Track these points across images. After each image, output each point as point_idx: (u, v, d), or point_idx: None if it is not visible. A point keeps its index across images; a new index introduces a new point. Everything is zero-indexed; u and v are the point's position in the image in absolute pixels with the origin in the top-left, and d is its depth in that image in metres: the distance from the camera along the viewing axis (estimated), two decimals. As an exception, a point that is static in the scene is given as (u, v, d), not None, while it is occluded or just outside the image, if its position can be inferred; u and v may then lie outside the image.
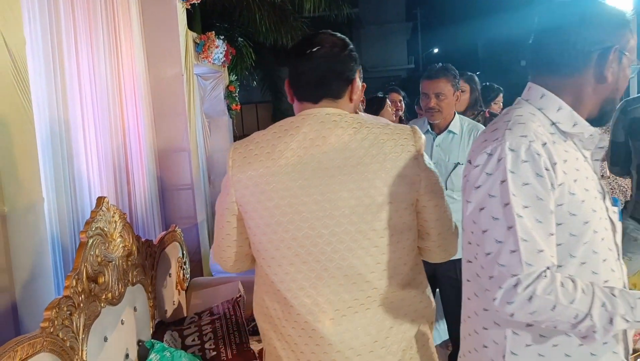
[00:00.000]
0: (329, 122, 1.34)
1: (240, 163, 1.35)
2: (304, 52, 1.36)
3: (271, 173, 1.31)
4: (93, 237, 1.78)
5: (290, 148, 1.32)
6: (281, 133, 1.35)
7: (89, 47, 3.23)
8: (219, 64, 5.49)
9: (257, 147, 1.35)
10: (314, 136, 1.32)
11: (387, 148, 1.32)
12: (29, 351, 1.35)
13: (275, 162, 1.31)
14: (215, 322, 2.29)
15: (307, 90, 1.38)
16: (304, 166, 1.30)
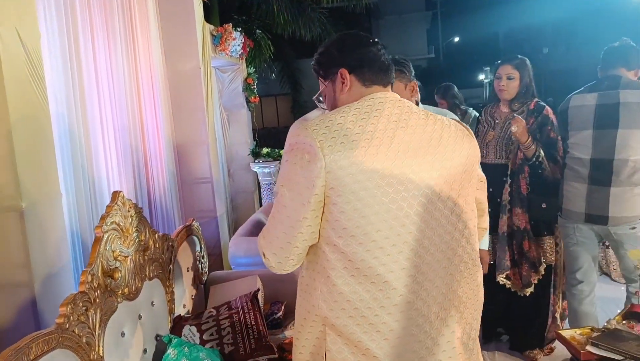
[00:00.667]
0: (404, 106, 1.41)
1: (331, 144, 1.29)
2: (368, 40, 1.47)
3: (368, 153, 1.29)
4: (108, 232, 1.77)
5: (379, 130, 1.33)
6: (363, 115, 1.36)
7: (105, 42, 3.23)
8: (236, 56, 5.47)
9: (342, 128, 1.32)
10: (396, 118, 1.37)
11: (452, 132, 1.43)
12: (44, 347, 1.34)
13: (369, 142, 1.31)
14: (234, 316, 2.28)
15: (380, 74, 1.46)
16: (396, 146, 1.33)
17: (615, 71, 2.85)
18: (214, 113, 4.77)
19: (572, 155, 2.95)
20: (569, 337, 2.34)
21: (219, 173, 4.88)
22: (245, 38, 5.58)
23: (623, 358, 2.05)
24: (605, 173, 2.80)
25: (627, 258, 2.87)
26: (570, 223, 2.99)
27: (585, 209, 2.88)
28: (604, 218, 2.83)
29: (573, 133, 2.94)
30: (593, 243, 3.02)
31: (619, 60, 2.86)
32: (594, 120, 2.83)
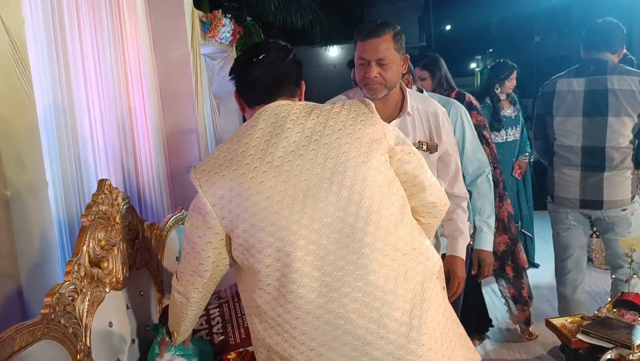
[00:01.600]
0: (282, 110, 1.40)
1: (208, 178, 1.36)
2: (252, 60, 1.44)
3: (240, 174, 1.33)
4: (94, 221, 1.74)
5: (252, 146, 1.35)
6: (238, 137, 1.39)
7: (92, 27, 3.17)
8: (226, 43, 5.42)
9: (218, 159, 1.38)
10: (271, 128, 1.37)
11: (342, 118, 1.39)
12: (29, 338, 1.32)
13: (240, 163, 1.34)
14: (223, 306, 2.26)
15: (261, 95, 1.44)
16: (270, 157, 1.34)
17: (600, 55, 2.83)
18: (203, 101, 4.72)
19: (561, 143, 2.94)
20: (560, 325, 2.34)
21: (209, 161, 4.83)
22: (235, 25, 5.52)
23: (613, 346, 2.06)
24: (598, 160, 2.82)
25: (615, 243, 2.89)
26: (563, 209, 2.99)
27: (580, 195, 2.89)
28: (599, 202, 2.86)
29: (561, 120, 2.92)
30: (585, 228, 3.04)
31: (602, 44, 2.83)
32: (583, 107, 2.83)
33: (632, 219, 2.87)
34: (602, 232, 3.00)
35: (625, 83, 2.73)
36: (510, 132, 4.35)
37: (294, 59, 1.47)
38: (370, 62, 1.94)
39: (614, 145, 2.78)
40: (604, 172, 2.81)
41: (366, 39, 1.96)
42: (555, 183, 3.02)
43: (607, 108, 2.76)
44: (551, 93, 2.97)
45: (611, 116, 2.76)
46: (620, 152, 2.78)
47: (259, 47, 1.47)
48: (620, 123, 2.75)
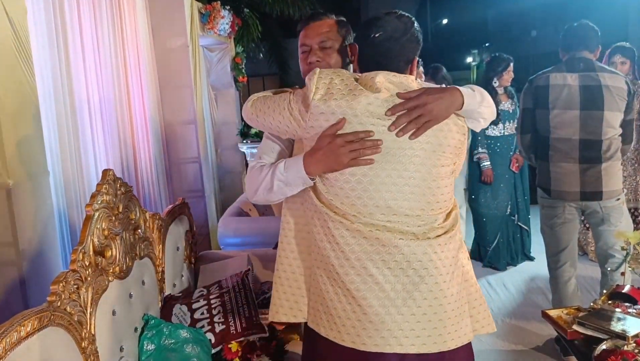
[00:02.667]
0: (400, 74, 1.48)
1: (323, 92, 1.43)
2: (367, 37, 1.50)
3: (350, 106, 1.41)
4: (99, 210, 1.75)
5: (385, 87, 1.43)
6: (364, 78, 1.45)
7: (92, 18, 3.17)
8: (225, 35, 5.41)
9: (340, 82, 1.44)
10: (384, 79, 1.44)
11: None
12: (36, 325, 1.33)
13: (355, 97, 1.41)
14: (224, 295, 2.27)
15: (368, 69, 1.49)
16: (377, 101, 1.41)
17: (580, 53, 2.93)
18: (202, 92, 4.73)
19: (558, 136, 2.98)
20: (556, 317, 2.37)
21: (207, 153, 4.85)
22: (234, 17, 5.51)
23: (609, 337, 2.09)
24: (595, 152, 2.90)
25: (608, 234, 2.95)
26: (560, 203, 3.03)
27: (581, 187, 2.95)
28: (599, 193, 2.93)
29: (558, 112, 2.96)
30: (577, 221, 3.10)
31: (580, 43, 2.95)
32: (580, 101, 2.89)
33: (623, 208, 2.99)
34: (596, 225, 3.03)
35: (615, 80, 2.87)
36: (508, 125, 4.38)
37: (410, 37, 1.51)
38: (312, 47, 1.72)
39: (609, 137, 2.89)
40: (602, 164, 2.90)
41: (307, 24, 1.77)
42: (552, 178, 3.04)
43: (603, 102, 2.86)
44: (545, 87, 3.00)
45: (606, 110, 2.86)
46: (613, 143, 2.90)
47: (378, 23, 1.51)
48: (614, 117, 2.87)
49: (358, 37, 1.57)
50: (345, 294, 1.44)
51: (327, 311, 1.49)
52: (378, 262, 1.42)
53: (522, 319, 3.61)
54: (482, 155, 4.37)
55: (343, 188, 1.44)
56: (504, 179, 4.46)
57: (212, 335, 2.12)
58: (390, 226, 1.42)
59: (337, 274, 1.45)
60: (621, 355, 1.96)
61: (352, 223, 1.43)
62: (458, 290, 1.51)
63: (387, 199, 1.42)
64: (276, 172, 1.51)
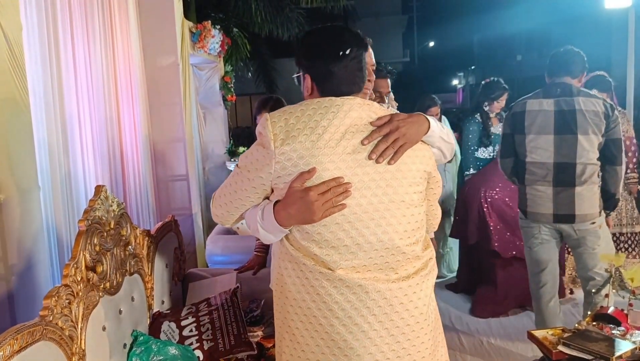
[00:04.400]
0: (365, 104, 1.46)
1: (284, 137, 1.39)
2: (337, 54, 1.45)
3: (317, 147, 1.38)
4: (91, 226, 1.76)
5: (334, 125, 1.40)
6: (322, 110, 1.42)
7: (84, 35, 3.20)
8: (214, 54, 5.46)
9: (297, 121, 1.41)
10: (354, 115, 1.42)
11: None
12: (29, 339, 1.34)
13: (320, 137, 1.39)
14: (213, 313, 2.28)
15: (339, 88, 1.47)
16: (346, 142, 1.40)
17: (562, 79, 3.01)
18: (191, 110, 4.75)
19: (533, 160, 3.07)
20: (541, 337, 2.40)
21: (195, 171, 4.85)
22: (224, 36, 5.57)
23: (593, 358, 2.12)
24: (569, 176, 2.96)
25: (586, 257, 3.01)
26: (535, 224, 3.09)
27: (553, 210, 3.01)
28: (571, 216, 2.98)
29: (533, 137, 3.05)
30: (556, 243, 3.14)
31: (562, 69, 3.03)
32: (554, 125, 2.97)
33: (600, 232, 3.00)
34: (574, 247, 3.11)
35: (591, 104, 2.92)
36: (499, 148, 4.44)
37: (368, 51, 1.55)
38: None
39: (583, 161, 2.94)
40: (575, 187, 2.95)
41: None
42: (528, 200, 3.13)
43: (577, 126, 2.93)
44: (522, 113, 3.11)
45: (580, 134, 2.92)
46: (588, 167, 2.94)
47: (343, 39, 1.48)
48: (588, 140, 2.92)
49: (315, 57, 1.50)
50: (330, 345, 1.42)
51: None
52: (362, 309, 1.41)
53: (507, 340, 3.64)
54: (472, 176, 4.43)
55: (321, 233, 1.42)
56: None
57: (201, 352, 2.12)
58: (371, 265, 1.42)
59: (320, 325, 1.43)
60: (605, 375, 1.99)
61: (333, 271, 1.40)
62: (435, 325, 1.54)
63: (367, 235, 1.41)
64: (256, 217, 1.49)
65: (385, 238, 1.42)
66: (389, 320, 1.42)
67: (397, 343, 1.43)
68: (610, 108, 2.93)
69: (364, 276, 1.41)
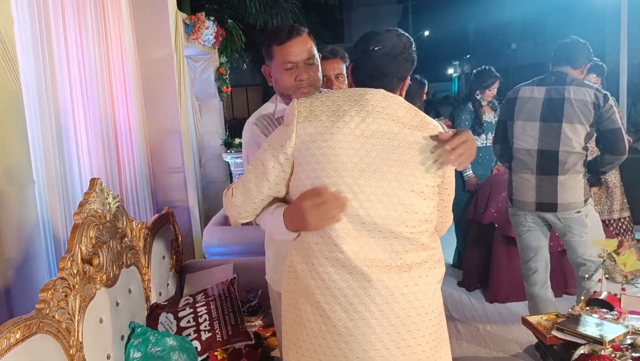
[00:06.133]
0: (388, 95, 1.50)
1: (307, 115, 1.47)
2: (366, 51, 1.53)
3: (336, 126, 1.43)
4: (87, 219, 1.77)
5: (355, 109, 1.46)
6: (346, 96, 1.49)
7: (77, 28, 3.18)
8: (209, 46, 5.44)
9: (322, 104, 1.48)
10: (375, 103, 1.47)
11: (430, 130, 1.51)
12: (26, 332, 1.35)
13: (340, 118, 1.45)
14: (210, 303, 2.29)
15: (363, 83, 1.54)
16: (365, 125, 1.44)
17: (562, 68, 3.01)
18: (186, 102, 4.74)
19: (519, 146, 3.09)
20: (536, 323, 2.42)
21: (191, 162, 4.85)
22: (218, 27, 5.55)
23: (586, 342, 2.15)
24: (552, 163, 2.97)
25: (574, 244, 3.03)
26: (521, 212, 3.12)
27: (536, 198, 3.04)
28: (554, 205, 2.99)
29: (521, 123, 3.07)
30: (543, 230, 3.17)
31: (564, 59, 3.02)
32: (541, 113, 2.99)
33: (587, 220, 3.00)
34: (561, 235, 3.13)
35: (581, 93, 2.91)
36: (491, 136, 4.45)
37: (407, 56, 1.56)
38: (299, 64, 1.83)
39: (566, 150, 2.93)
40: (558, 176, 2.96)
41: (289, 39, 1.83)
42: (514, 187, 3.16)
43: (562, 114, 2.93)
44: (514, 99, 3.14)
45: (565, 122, 2.93)
46: (572, 156, 2.94)
47: (378, 38, 1.54)
48: (573, 129, 2.92)
49: (356, 50, 1.58)
50: (331, 331, 1.44)
51: (311, 348, 1.49)
52: (364, 297, 1.42)
53: (502, 326, 3.67)
54: None
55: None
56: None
57: (199, 343, 2.14)
58: (376, 246, 1.44)
59: (323, 310, 1.45)
60: (599, 359, 2.01)
61: (338, 246, 1.43)
62: (438, 320, 1.55)
63: (373, 216, 1.43)
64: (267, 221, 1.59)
65: (390, 222, 1.44)
66: (390, 309, 1.43)
67: (397, 334, 1.44)
68: (602, 98, 2.89)
69: (368, 257, 1.43)
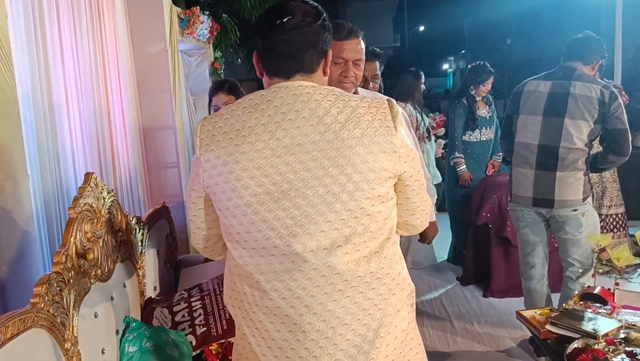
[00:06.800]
0: (302, 94, 1.27)
1: (209, 142, 1.29)
2: (274, 23, 1.28)
3: (240, 151, 1.24)
4: (81, 213, 1.76)
5: (261, 124, 1.25)
6: (251, 108, 1.28)
7: (71, 22, 3.17)
8: (203, 40, 5.43)
9: (225, 124, 1.28)
10: (286, 110, 1.26)
11: (364, 124, 1.26)
12: (20, 326, 1.34)
13: (245, 139, 1.25)
14: (205, 298, 2.30)
15: (279, 65, 1.31)
16: (276, 142, 1.24)
17: (572, 63, 2.98)
18: (181, 97, 4.73)
19: (520, 140, 3.08)
20: (530, 317, 2.44)
21: (186, 157, 4.84)
22: (213, 22, 5.53)
23: (580, 336, 2.16)
24: (551, 159, 2.95)
25: (566, 242, 3.03)
26: (519, 207, 3.12)
27: (533, 193, 3.03)
28: (550, 201, 2.98)
29: (524, 117, 3.06)
30: (541, 224, 3.16)
31: (575, 54, 3.00)
32: (544, 107, 2.97)
33: (583, 220, 2.98)
34: (555, 230, 3.13)
35: (587, 89, 2.88)
36: (485, 131, 4.47)
37: (323, 23, 1.31)
38: (348, 62, 1.91)
39: (567, 146, 2.91)
40: (557, 172, 2.94)
41: (347, 38, 1.90)
42: (513, 182, 3.17)
43: (565, 110, 2.90)
44: (519, 93, 3.13)
45: (567, 118, 2.90)
46: (572, 152, 2.91)
47: (285, 8, 1.29)
48: (575, 125, 2.89)
49: (260, 29, 1.32)
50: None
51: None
52: (301, 350, 1.28)
53: (497, 320, 3.69)
54: (458, 159, 4.45)
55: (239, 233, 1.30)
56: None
57: (194, 338, 2.14)
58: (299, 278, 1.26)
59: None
60: (592, 353, 2.03)
61: (269, 295, 1.27)
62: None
63: (301, 251, 1.25)
64: None
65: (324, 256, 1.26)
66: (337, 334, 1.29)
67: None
68: (609, 96, 2.84)
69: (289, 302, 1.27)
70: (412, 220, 1.44)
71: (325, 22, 1.32)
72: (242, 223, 1.27)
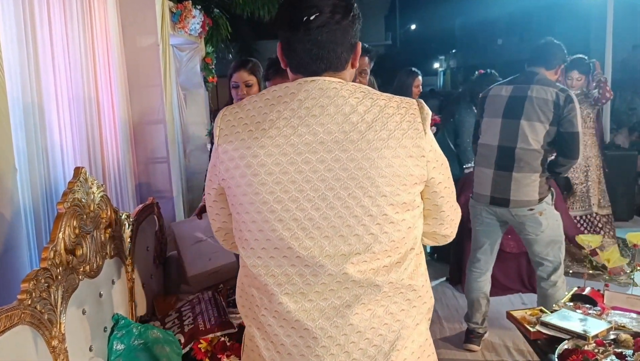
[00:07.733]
0: (328, 88, 1.19)
1: (228, 133, 1.21)
2: (299, 22, 1.17)
3: (259, 145, 1.16)
4: (70, 208, 1.73)
5: (283, 118, 1.17)
6: (274, 100, 1.20)
7: (61, 15, 3.13)
8: (195, 35, 5.39)
9: (247, 115, 1.21)
10: (310, 104, 1.17)
11: (392, 125, 1.17)
12: (7, 323, 1.32)
13: (265, 133, 1.17)
14: (195, 306, 2.28)
15: (303, 64, 1.22)
16: (297, 138, 1.16)
17: (534, 68, 3.06)
18: (171, 91, 4.69)
19: (483, 142, 3.18)
20: (520, 317, 2.44)
21: (176, 152, 4.81)
22: (205, 16, 5.49)
23: (570, 337, 2.16)
24: (509, 160, 3.03)
25: (531, 242, 3.08)
26: (479, 205, 3.17)
27: (491, 192, 3.10)
28: (506, 200, 3.05)
29: (486, 120, 3.17)
30: (495, 226, 3.23)
31: (538, 59, 3.09)
32: (504, 110, 3.06)
33: (541, 219, 3.03)
34: (518, 232, 3.20)
35: (543, 92, 2.95)
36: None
37: (353, 17, 1.21)
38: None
39: (523, 147, 2.98)
40: (513, 172, 3.01)
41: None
42: (475, 180, 3.25)
43: (522, 112, 2.98)
44: (485, 98, 3.23)
45: (524, 119, 2.97)
46: (528, 153, 2.97)
47: (311, 2, 1.18)
48: (531, 127, 2.96)
49: (283, 24, 1.22)
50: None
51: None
52: (311, 357, 1.21)
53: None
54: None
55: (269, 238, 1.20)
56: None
57: (182, 335, 2.13)
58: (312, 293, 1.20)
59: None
60: (582, 354, 2.03)
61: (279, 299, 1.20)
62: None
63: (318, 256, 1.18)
64: None
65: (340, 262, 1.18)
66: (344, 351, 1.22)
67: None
68: (564, 98, 2.90)
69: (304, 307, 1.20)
70: (440, 230, 1.37)
71: (355, 14, 1.22)
72: (256, 221, 1.20)
